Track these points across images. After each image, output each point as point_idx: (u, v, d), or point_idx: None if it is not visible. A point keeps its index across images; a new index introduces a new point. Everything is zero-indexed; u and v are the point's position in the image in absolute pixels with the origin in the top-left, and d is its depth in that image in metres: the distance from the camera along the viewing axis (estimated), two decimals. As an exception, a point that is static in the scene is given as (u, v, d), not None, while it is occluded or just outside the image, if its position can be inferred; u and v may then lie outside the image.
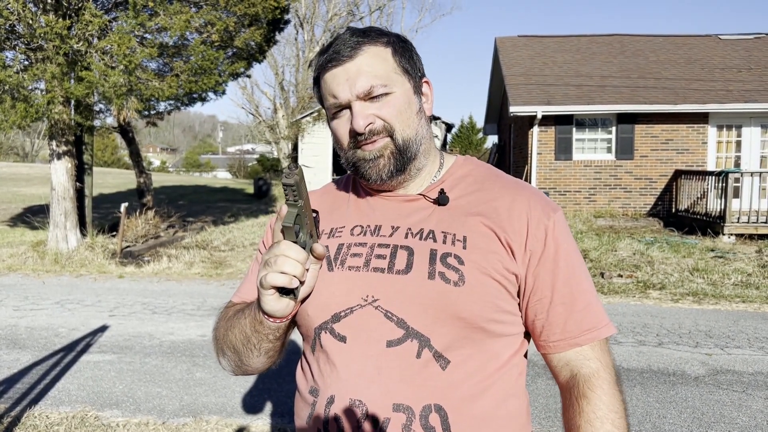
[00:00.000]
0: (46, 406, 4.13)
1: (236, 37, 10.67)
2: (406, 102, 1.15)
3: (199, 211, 16.84)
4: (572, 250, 1.16)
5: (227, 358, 1.21)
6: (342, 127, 1.16)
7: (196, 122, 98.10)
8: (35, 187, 23.26)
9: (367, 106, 1.12)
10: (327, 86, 1.15)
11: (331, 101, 1.14)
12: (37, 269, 9.14)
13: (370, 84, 1.11)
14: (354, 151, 1.16)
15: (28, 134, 49.63)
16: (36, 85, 9.59)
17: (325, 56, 1.14)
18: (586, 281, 1.16)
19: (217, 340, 1.23)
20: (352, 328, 1.09)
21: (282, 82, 31.00)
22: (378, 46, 1.14)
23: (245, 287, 1.28)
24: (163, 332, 5.95)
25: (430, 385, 1.05)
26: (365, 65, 1.12)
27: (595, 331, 1.14)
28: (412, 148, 1.15)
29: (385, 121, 1.12)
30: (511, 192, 1.18)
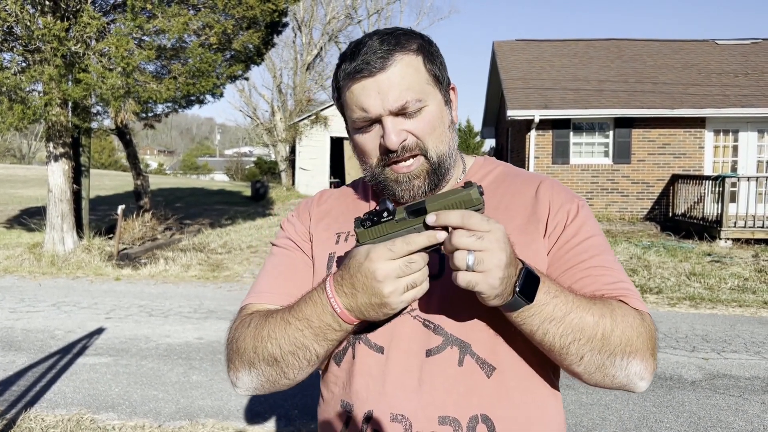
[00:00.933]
0: (42, 408, 4.11)
1: (234, 40, 10.68)
2: (439, 116, 1.08)
3: (197, 213, 16.82)
4: (598, 235, 1.10)
5: (258, 372, 1.07)
6: (370, 142, 1.08)
7: (193, 125, 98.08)
8: (32, 189, 23.21)
9: (399, 121, 1.05)
10: (354, 98, 1.06)
11: (360, 114, 1.06)
12: (34, 271, 9.12)
13: (405, 99, 1.03)
14: (382, 170, 1.09)
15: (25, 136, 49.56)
16: (33, 86, 9.57)
17: (353, 65, 1.05)
18: (616, 264, 1.09)
19: (240, 353, 1.08)
20: (389, 339, 1.04)
21: (280, 85, 31.02)
22: (410, 54, 1.06)
23: (266, 286, 1.18)
24: (160, 335, 5.94)
25: (476, 394, 1.01)
26: (398, 77, 1.04)
27: (639, 302, 1.05)
28: (445, 164, 1.10)
29: (419, 139, 1.06)
30: (534, 183, 1.16)
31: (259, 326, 1.06)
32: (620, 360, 0.97)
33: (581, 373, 1.00)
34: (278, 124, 27.98)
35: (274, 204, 19.74)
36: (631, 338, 0.97)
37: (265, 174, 29.84)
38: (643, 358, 0.99)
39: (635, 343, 0.98)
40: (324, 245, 1.18)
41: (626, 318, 0.98)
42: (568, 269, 1.06)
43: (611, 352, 0.97)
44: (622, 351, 0.97)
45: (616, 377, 0.99)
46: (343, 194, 1.28)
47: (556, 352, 0.97)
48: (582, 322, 0.94)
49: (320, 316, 0.98)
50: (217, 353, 5.38)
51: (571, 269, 1.06)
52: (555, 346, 0.96)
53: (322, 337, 0.99)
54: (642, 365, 0.99)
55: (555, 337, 0.95)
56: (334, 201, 1.26)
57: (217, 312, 6.88)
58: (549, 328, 0.94)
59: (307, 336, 1.00)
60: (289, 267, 1.19)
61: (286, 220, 1.27)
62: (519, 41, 18.83)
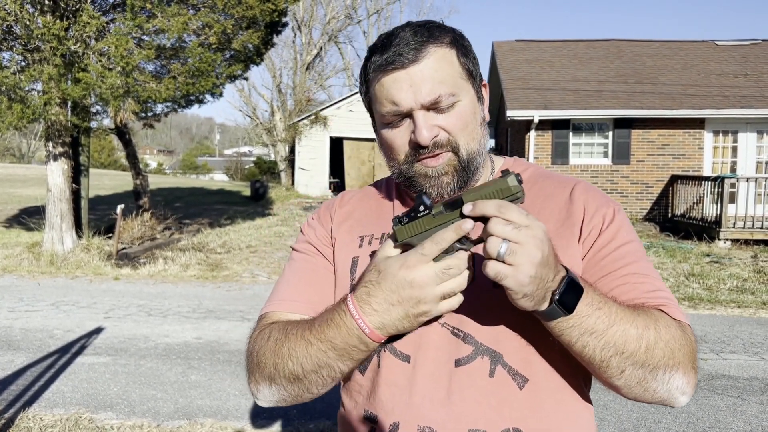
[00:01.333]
0: (40, 408, 4.11)
1: (234, 40, 10.68)
2: (472, 112, 1.04)
3: (196, 213, 16.81)
4: (634, 241, 1.06)
5: (279, 387, 1.03)
6: (399, 137, 1.04)
7: (193, 124, 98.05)
8: (31, 189, 23.20)
9: (431, 116, 1.00)
10: (385, 90, 1.01)
11: (389, 108, 1.01)
12: (33, 270, 9.11)
13: (438, 93, 0.99)
14: (411, 166, 1.04)
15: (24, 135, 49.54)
16: (33, 86, 9.57)
17: (384, 56, 1.01)
18: (653, 271, 1.04)
19: (260, 367, 1.04)
20: (417, 347, 0.99)
21: (279, 85, 31.03)
22: (443, 47, 1.02)
23: (286, 293, 1.13)
24: (159, 334, 5.94)
25: (507, 406, 0.96)
26: (431, 70, 0.99)
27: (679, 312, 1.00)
28: (475, 162, 1.05)
29: (450, 135, 1.02)
30: (568, 186, 1.11)
31: (279, 342, 1.01)
32: (662, 374, 0.93)
33: (620, 386, 0.95)
34: (278, 124, 27.98)
35: (274, 204, 19.73)
36: (674, 351, 0.93)
37: (264, 174, 29.84)
38: (685, 372, 0.95)
39: (678, 356, 0.94)
40: (347, 249, 1.13)
41: (669, 329, 0.94)
42: (604, 276, 1.01)
43: (654, 366, 0.92)
44: (665, 365, 0.93)
45: (657, 391, 0.95)
46: (365, 195, 1.23)
47: (596, 365, 0.92)
48: (625, 335, 0.90)
49: (345, 339, 0.93)
50: (216, 353, 5.38)
51: (608, 276, 1.01)
52: (595, 359, 0.91)
53: (347, 357, 0.95)
54: (684, 379, 0.95)
55: (595, 350, 0.90)
56: (357, 202, 1.21)
57: (216, 312, 6.88)
58: (589, 340, 0.89)
59: (331, 357, 0.95)
60: (309, 273, 1.14)
61: (307, 224, 1.23)
62: (519, 41, 18.83)
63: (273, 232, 13.04)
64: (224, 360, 5.19)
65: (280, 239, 12.26)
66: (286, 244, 11.75)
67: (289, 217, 15.94)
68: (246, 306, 7.18)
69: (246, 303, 7.35)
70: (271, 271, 9.40)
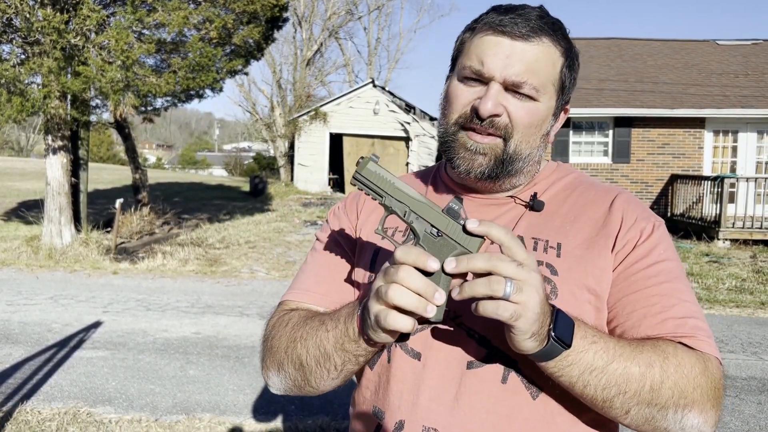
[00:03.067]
0: (38, 401, 4.11)
1: (234, 35, 10.65)
2: (542, 118, 1.01)
3: (195, 208, 16.79)
4: (672, 260, 1.00)
5: (285, 374, 1.02)
6: (465, 96, 1.00)
7: (192, 119, 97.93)
8: (30, 182, 23.16)
9: (505, 96, 0.97)
10: (481, 48, 0.98)
11: (474, 65, 0.98)
12: (31, 264, 9.10)
13: (525, 78, 0.96)
14: (458, 129, 1.01)
15: (23, 128, 49.44)
16: (32, 79, 9.55)
17: (500, 17, 0.98)
18: (688, 294, 0.98)
19: (272, 351, 1.03)
20: (428, 346, 0.96)
21: (279, 81, 30.99)
22: (556, 47, 1.00)
23: (306, 283, 1.12)
24: (157, 329, 5.93)
25: (518, 417, 0.92)
26: (533, 56, 0.97)
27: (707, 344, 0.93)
28: (517, 164, 1.02)
29: (511, 122, 0.98)
30: (609, 196, 1.07)
31: (296, 326, 1.00)
32: (673, 414, 0.88)
33: (629, 424, 0.91)
34: (277, 120, 27.95)
35: (273, 200, 19.72)
36: (685, 390, 0.88)
37: (263, 169, 29.83)
38: (701, 411, 0.89)
39: (692, 395, 0.88)
40: (371, 241, 1.11)
41: (681, 367, 0.88)
42: (633, 293, 0.96)
43: (662, 406, 0.87)
44: (675, 404, 0.88)
45: (669, 430, 0.90)
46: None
47: (599, 405, 0.89)
48: (626, 372, 0.86)
49: (347, 319, 0.92)
50: (215, 348, 5.38)
51: (636, 294, 0.96)
52: (597, 399, 0.87)
53: (340, 345, 0.93)
54: (700, 418, 0.89)
55: (597, 390, 0.86)
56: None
57: (215, 307, 6.87)
58: (590, 379, 0.85)
59: (330, 340, 0.94)
60: (329, 266, 1.13)
61: (333, 213, 1.21)
62: (519, 39, 18.80)
63: (272, 228, 13.03)
64: (223, 355, 5.19)
65: (279, 235, 12.26)
66: (285, 240, 11.74)
67: (288, 213, 15.93)
68: (244, 301, 7.17)
69: (244, 298, 7.34)
70: (269, 266, 9.40)
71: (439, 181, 1.16)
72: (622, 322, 0.97)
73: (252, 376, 4.69)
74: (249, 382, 4.55)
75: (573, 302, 0.95)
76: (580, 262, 0.98)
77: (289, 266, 9.45)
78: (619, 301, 0.97)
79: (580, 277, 0.97)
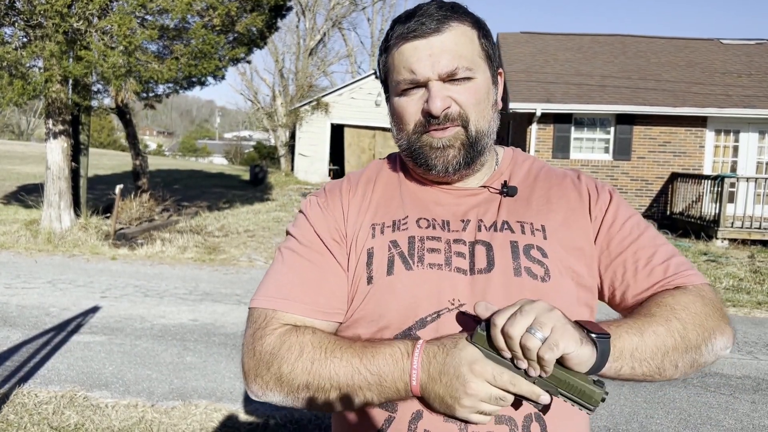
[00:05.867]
0: (36, 384, 4.12)
1: (238, 22, 10.61)
2: (486, 91, 1.06)
3: (194, 195, 16.79)
4: (635, 215, 1.12)
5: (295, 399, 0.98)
6: (411, 106, 1.04)
7: (193, 107, 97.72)
8: (30, 166, 23.15)
9: (446, 87, 1.02)
10: (403, 59, 1.03)
11: (406, 76, 1.03)
12: (30, 248, 9.11)
13: (456, 65, 1.01)
14: (419, 136, 1.05)
15: (24, 112, 49.35)
16: (34, 62, 9.51)
17: (406, 25, 1.02)
18: (660, 238, 1.10)
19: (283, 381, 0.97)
20: (440, 335, 0.96)
21: (282, 70, 30.91)
22: (466, 24, 1.04)
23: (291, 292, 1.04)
24: (155, 315, 5.94)
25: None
26: (452, 43, 1.01)
27: (693, 275, 1.05)
28: (482, 142, 1.06)
29: (462, 109, 1.02)
30: (570, 176, 1.17)
31: (317, 362, 0.95)
32: (705, 347, 0.98)
33: (681, 376, 0.99)
34: (279, 109, 27.89)
35: (273, 189, 19.71)
36: (702, 324, 0.98)
37: (264, 159, 29.80)
38: (722, 332, 1.00)
39: (708, 325, 0.98)
40: (360, 241, 1.08)
41: (688, 309, 0.98)
42: (618, 256, 1.06)
43: (695, 346, 0.97)
44: (702, 339, 0.97)
45: (707, 362, 1.00)
46: (369, 179, 1.18)
47: (656, 375, 0.96)
48: (657, 335, 0.94)
49: (394, 380, 0.92)
50: (212, 336, 5.39)
51: (621, 256, 1.06)
52: (653, 370, 0.95)
53: (385, 397, 0.94)
54: (723, 338, 1.00)
55: (649, 362, 0.94)
56: (363, 187, 1.16)
57: (213, 294, 6.89)
58: (639, 356, 0.93)
59: (373, 392, 0.93)
60: (316, 270, 1.06)
61: (309, 208, 1.14)
62: (523, 33, 18.74)
63: (271, 218, 13.04)
64: (220, 343, 5.21)
65: (278, 224, 12.26)
66: (284, 229, 11.73)
67: (288, 202, 15.94)
68: (243, 290, 7.18)
69: (243, 287, 7.35)
70: (268, 256, 9.41)
71: (410, 175, 1.16)
72: (618, 284, 1.06)
73: (248, 364, 4.70)
74: (245, 370, 4.57)
75: (564, 282, 1.01)
76: (565, 241, 1.05)
77: (288, 256, 9.45)
78: (609, 266, 1.07)
79: (566, 257, 1.04)
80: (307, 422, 3.66)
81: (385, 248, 1.05)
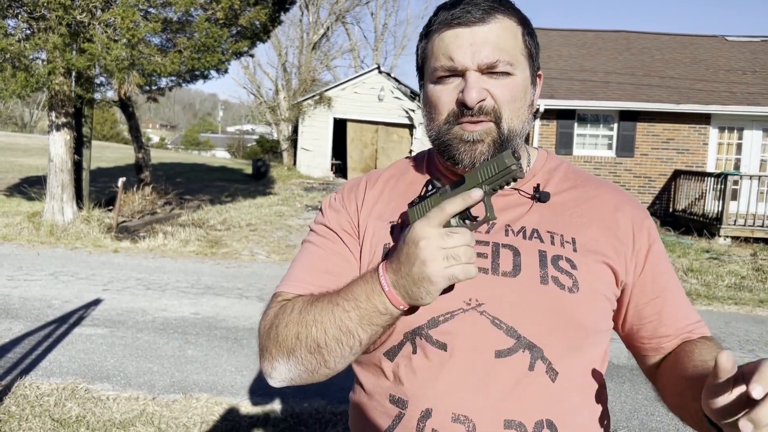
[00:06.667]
0: (37, 376, 4.13)
1: (241, 16, 10.59)
2: (523, 90, 1.03)
3: (197, 189, 16.80)
4: (664, 252, 1.12)
5: (297, 361, 0.99)
6: (446, 95, 1.02)
7: (196, 100, 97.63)
8: (33, 158, 23.16)
9: (483, 80, 0.99)
10: (443, 45, 1.00)
11: (444, 63, 1.00)
12: (32, 240, 9.12)
13: (497, 57, 0.98)
14: (450, 126, 1.02)
15: (27, 104, 49.34)
16: (37, 54, 9.51)
17: (451, 12, 1.00)
18: (679, 288, 1.13)
19: (279, 340, 1.00)
20: (454, 335, 0.97)
21: (285, 64, 30.87)
22: (511, 19, 1.02)
23: (302, 276, 1.09)
24: (157, 308, 5.95)
25: (541, 399, 0.96)
26: (495, 35, 0.99)
27: (703, 325, 1.10)
28: (513, 142, 1.03)
29: (497, 103, 1.00)
30: (610, 191, 1.13)
31: (304, 311, 0.99)
32: None
33: None
34: (281, 103, 27.86)
35: (275, 183, 19.71)
36: None
37: (266, 153, 29.77)
38: None
39: None
40: (378, 236, 1.09)
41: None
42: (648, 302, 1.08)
43: None
44: None
45: None
46: (392, 176, 1.18)
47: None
48: None
49: (369, 296, 0.93)
50: (213, 329, 5.40)
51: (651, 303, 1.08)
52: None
53: (367, 321, 0.94)
54: None
55: None
56: (384, 184, 1.16)
57: (215, 288, 6.89)
58: None
59: (353, 319, 0.94)
60: (328, 259, 1.10)
61: (329, 204, 1.18)
62: (527, 29, 18.68)
63: (273, 212, 13.04)
64: (221, 336, 5.21)
65: (281, 218, 12.27)
66: (286, 223, 11.75)
67: (290, 197, 15.94)
68: (244, 284, 7.19)
69: (244, 281, 7.36)
70: (270, 250, 9.41)
71: (435, 171, 1.15)
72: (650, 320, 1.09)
73: (250, 358, 4.72)
74: (247, 364, 4.58)
75: (593, 296, 1.00)
76: (595, 257, 1.03)
77: (290, 250, 9.46)
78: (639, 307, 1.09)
79: (596, 272, 1.02)
80: (307, 416, 3.66)
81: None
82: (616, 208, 1.09)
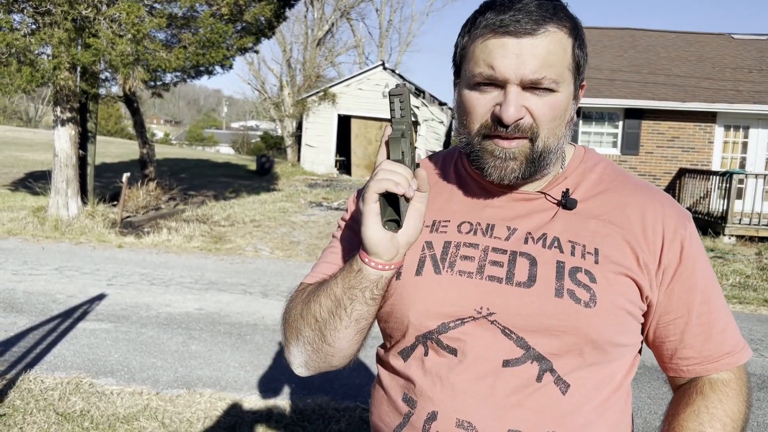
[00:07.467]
0: (42, 370, 4.15)
1: (246, 12, 10.59)
2: (565, 108, 0.98)
3: (201, 185, 16.82)
4: (707, 265, 1.05)
5: (304, 340, 1.02)
6: (482, 105, 0.96)
7: (201, 96, 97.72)
8: (38, 153, 23.22)
9: (524, 96, 0.94)
10: (486, 52, 0.94)
11: (484, 70, 0.94)
12: (37, 235, 9.15)
13: (543, 74, 0.92)
14: (482, 139, 0.98)
15: (32, 99, 49.46)
16: (42, 49, 9.52)
17: (501, 17, 0.93)
18: (722, 299, 1.05)
19: (290, 322, 1.05)
20: (463, 342, 0.96)
21: (289, 60, 30.84)
22: (563, 31, 0.95)
23: (322, 267, 1.13)
24: (161, 303, 5.97)
25: (549, 411, 0.94)
26: (543, 49, 0.92)
27: (735, 355, 1.05)
28: (548, 158, 0.99)
29: (535, 122, 0.95)
30: (643, 196, 1.05)
31: (309, 293, 1.04)
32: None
33: None
34: (286, 99, 27.85)
35: (279, 179, 19.73)
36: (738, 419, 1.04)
37: (270, 149, 29.78)
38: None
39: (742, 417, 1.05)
40: None
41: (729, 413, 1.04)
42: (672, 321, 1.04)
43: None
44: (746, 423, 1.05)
45: None
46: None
47: None
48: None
49: (351, 262, 0.99)
50: (217, 325, 5.41)
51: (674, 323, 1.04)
52: None
53: (348, 284, 0.97)
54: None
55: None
56: None
57: (218, 284, 6.91)
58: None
59: (339, 285, 0.98)
60: (349, 254, 1.11)
61: (353, 201, 1.18)
62: (533, 26, 18.63)
63: (277, 208, 13.05)
64: (225, 332, 5.22)
65: (285, 215, 12.28)
66: (290, 220, 11.76)
67: (294, 193, 15.94)
68: (248, 279, 7.20)
69: (248, 277, 7.37)
70: (274, 246, 9.42)
71: (464, 173, 1.11)
72: (671, 340, 1.05)
73: (253, 353, 4.73)
74: (250, 360, 4.59)
75: (611, 311, 0.96)
76: (619, 270, 0.98)
77: (293, 246, 9.47)
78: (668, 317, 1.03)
79: (617, 285, 0.97)
80: (311, 412, 3.67)
81: (419, 247, 1.04)
82: (647, 217, 1.02)
